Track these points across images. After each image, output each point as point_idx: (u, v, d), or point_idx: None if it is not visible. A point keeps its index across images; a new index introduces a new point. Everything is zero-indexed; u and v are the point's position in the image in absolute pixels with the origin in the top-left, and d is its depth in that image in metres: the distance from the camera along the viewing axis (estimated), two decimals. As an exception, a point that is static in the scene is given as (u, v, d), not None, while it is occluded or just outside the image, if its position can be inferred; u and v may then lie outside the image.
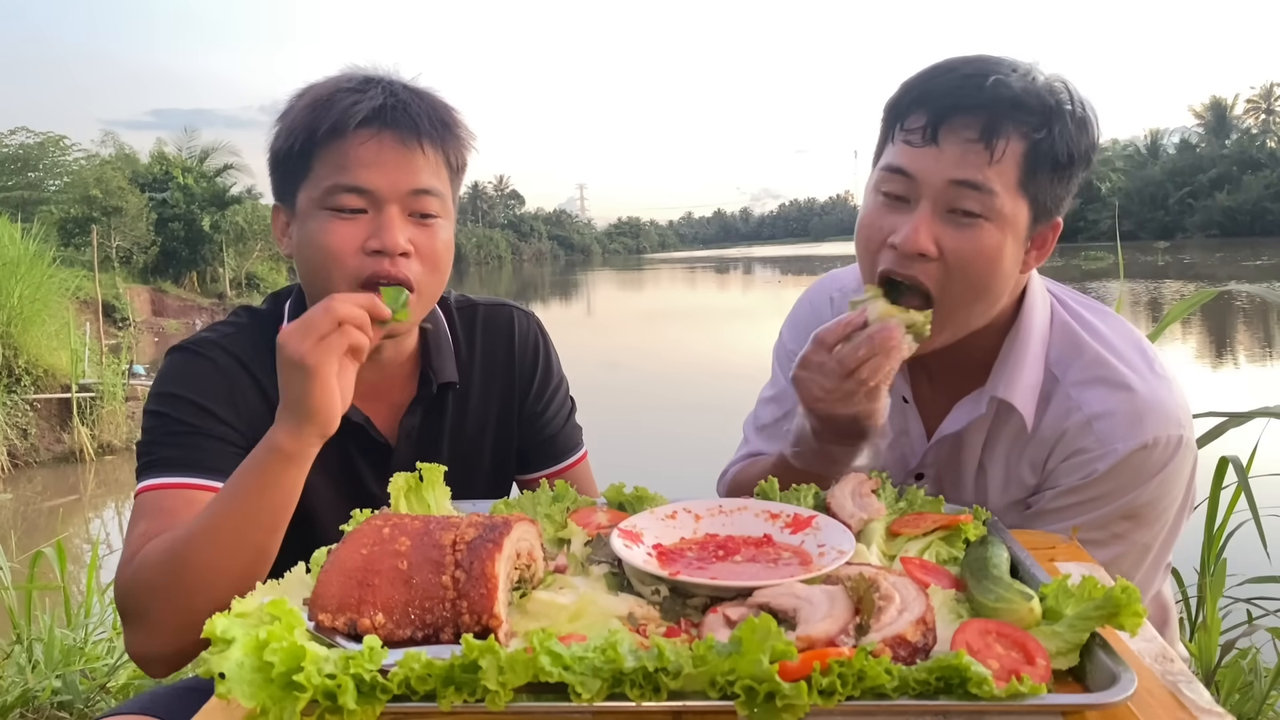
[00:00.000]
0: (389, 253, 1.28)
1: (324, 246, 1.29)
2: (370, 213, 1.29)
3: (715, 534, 1.10)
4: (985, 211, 1.20)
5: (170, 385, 1.34)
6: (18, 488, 10.36)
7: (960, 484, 1.40)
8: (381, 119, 1.29)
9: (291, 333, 1.14)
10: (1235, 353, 15.63)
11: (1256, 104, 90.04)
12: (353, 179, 1.28)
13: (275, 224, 1.40)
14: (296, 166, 1.31)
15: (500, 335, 1.56)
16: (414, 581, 0.83)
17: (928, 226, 1.21)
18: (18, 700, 2.71)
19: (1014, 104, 1.19)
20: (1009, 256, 1.23)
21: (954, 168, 1.20)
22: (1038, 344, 1.33)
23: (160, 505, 1.24)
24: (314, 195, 1.30)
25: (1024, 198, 1.21)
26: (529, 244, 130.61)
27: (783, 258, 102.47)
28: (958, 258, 1.21)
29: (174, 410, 1.31)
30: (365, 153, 1.28)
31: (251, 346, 1.39)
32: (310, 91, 1.32)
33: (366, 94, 1.29)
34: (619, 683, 0.71)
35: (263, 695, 0.70)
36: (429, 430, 1.48)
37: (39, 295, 12.95)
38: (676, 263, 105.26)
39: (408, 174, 1.30)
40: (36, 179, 34.52)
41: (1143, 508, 1.26)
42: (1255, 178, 71.88)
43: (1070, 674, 0.80)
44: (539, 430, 1.58)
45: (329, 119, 1.27)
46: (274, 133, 1.35)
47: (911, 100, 1.25)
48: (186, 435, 1.30)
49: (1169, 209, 77.05)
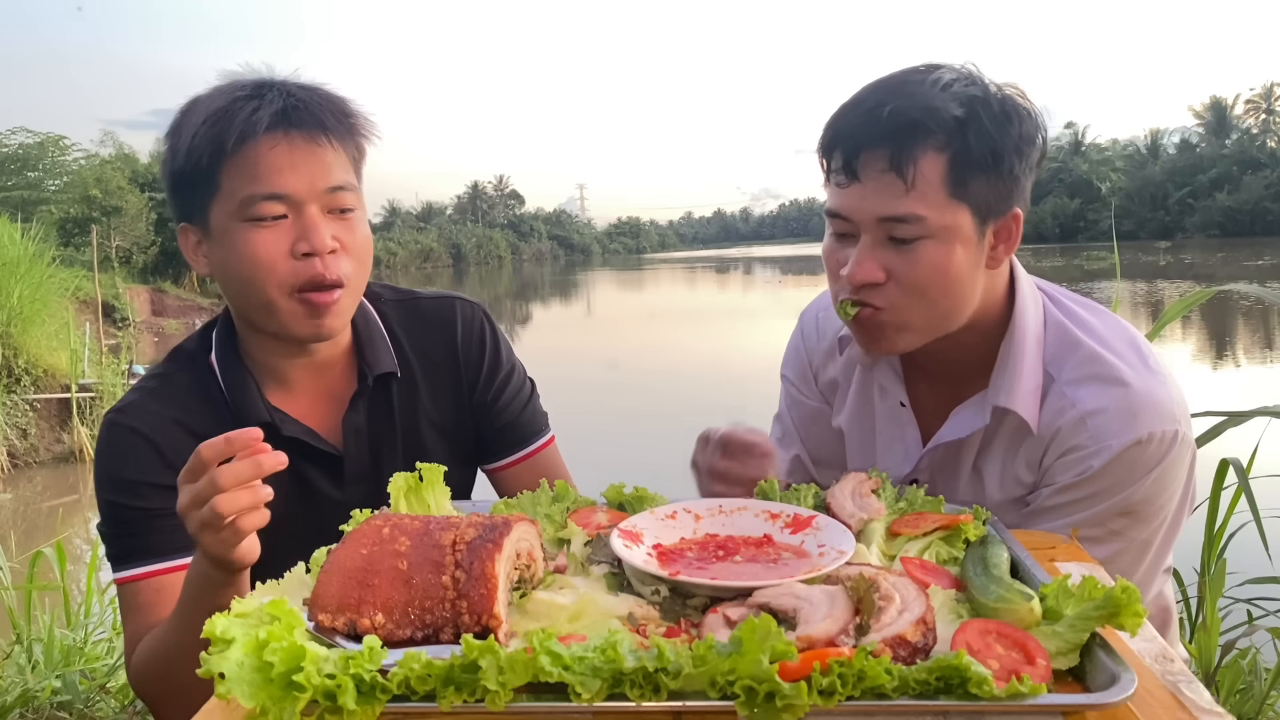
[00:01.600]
0: (319, 253, 1.28)
1: (251, 258, 1.28)
2: (290, 217, 1.28)
3: (715, 534, 1.10)
4: (920, 233, 1.23)
5: (107, 466, 1.35)
6: (18, 488, 10.36)
7: (954, 487, 1.40)
8: (286, 121, 1.28)
9: (182, 504, 1.05)
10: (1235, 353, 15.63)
11: (1256, 104, 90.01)
12: (269, 186, 1.27)
13: (185, 246, 1.38)
14: (202, 184, 1.29)
15: (443, 326, 1.54)
16: (414, 581, 0.83)
17: (870, 257, 1.26)
18: (18, 700, 2.71)
19: (914, 127, 1.21)
20: (960, 262, 1.25)
21: (877, 204, 1.24)
22: (1033, 346, 1.33)
23: (137, 601, 1.30)
24: (229, 209, 1.28)
25: (960, 205, 1.23)
26: (529, 244, 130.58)
27: (783, 258, 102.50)
28: (907, 279, 1.25)
29: (118, 497, 1.32)
30: (276, 158, 1.27)
31: (178, 397, 1.39)
32: (201, 106, 1.30)
33: (265, 99, 1.28)
34: (619, 683, 0.71)
35: (263, 695, 0.70)
36: (377, 425, 1.47)
37: (39, 295, 12.96)
38: (676, 263, 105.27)
39: (321, 172, 1.29)
40: (36, 179, 34.53)
41: (1139, 504, 1.26)
42: (1255, 178, 71.90)
43: (1070, 674, 0.80)
44: (495, 418, 1.56)
45: (233, 130, 1.25)
46: (167, 153, 1.32)
47: (828, 140, 1.29)
48: (137, 521, 1.31)
49: (1169, 209, 77.07)
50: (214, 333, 1.44)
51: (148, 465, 1.32)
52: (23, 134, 34.66)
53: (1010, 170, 1.24)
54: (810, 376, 1.61)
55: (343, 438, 1.44)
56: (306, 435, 1.40)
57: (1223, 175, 75.26)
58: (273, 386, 1.41)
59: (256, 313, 1.33)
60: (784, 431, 1.66)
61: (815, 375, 1.61)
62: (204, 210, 1.31)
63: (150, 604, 1.29)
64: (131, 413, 1.36)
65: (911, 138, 1.21)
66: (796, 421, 1.64)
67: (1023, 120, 1.25)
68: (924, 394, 1.45)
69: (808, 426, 1.63)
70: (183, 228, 1.36)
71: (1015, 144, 1.24)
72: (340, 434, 1.44)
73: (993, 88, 1.25)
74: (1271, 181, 70.23)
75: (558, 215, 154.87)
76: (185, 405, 1.37)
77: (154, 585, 1.29)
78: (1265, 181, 70.61)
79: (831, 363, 1.57)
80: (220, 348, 1.42)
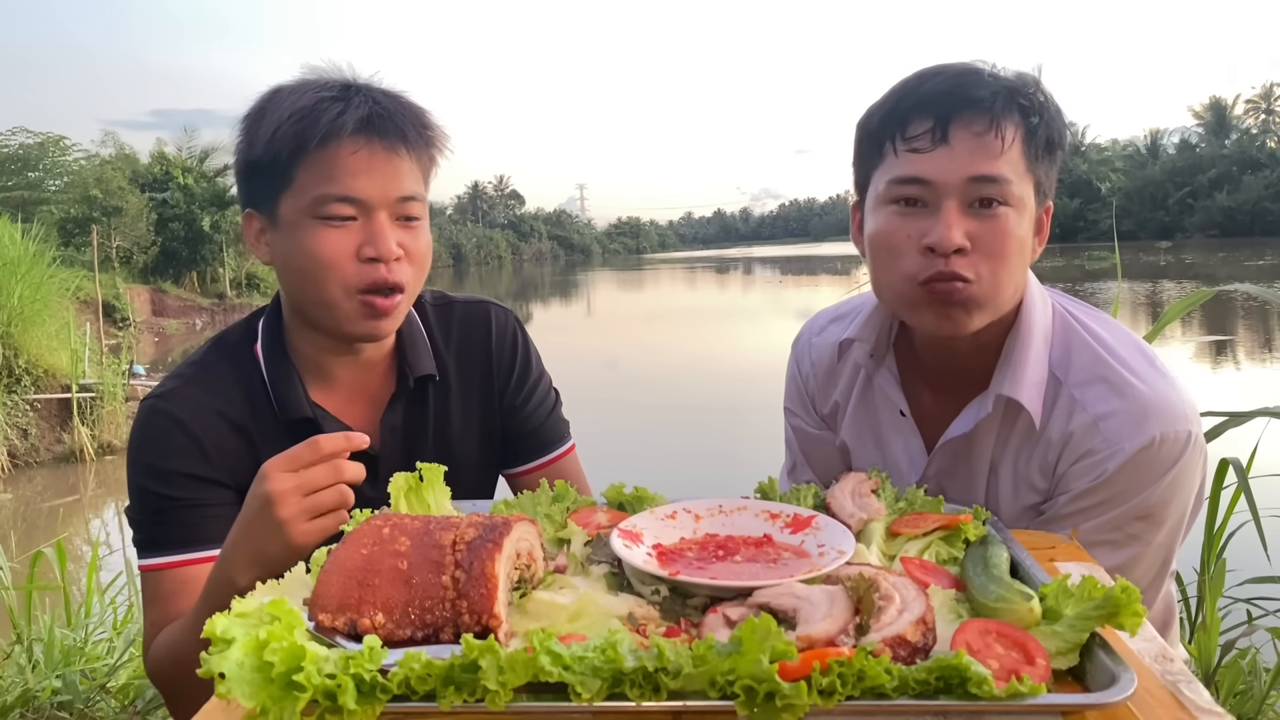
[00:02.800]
0: (384, 259, 1.31)
1: (318, 256, 1.30)
2: (359, 220, 1.31)
3: (715, 534, 1.10)
4: (1004, 198, 1.25)
5: (142, 452, 1.35)
6: (18, 488, 10.36)
7: (970, 491, 1.39)
8: (369, 128, 1.30)
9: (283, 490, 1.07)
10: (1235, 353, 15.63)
11: (1256, 104, 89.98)
12: (344, 189, 1.29)
13: (248, 230, 1.40)
14: (278, 176, 1.31)
15: (477, 330, 1.57)
16: (414, 581, 0.83)
17: (957, 221, 1.24)
18: (18, 700, 2.71)
19: (1011, 93, 1.26)
20: (1027, 238, 1.29)
21: (969, 164, 1.24)
22: (1040, 341, 1.33)
23: (160, 590, 1.31)
24: (300, 205, 1.30)
25: (1030, 180, 1.27)
26: (529, 244, 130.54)
27: (783, 258, 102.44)
28: (988, 246, 1.25)
29: (150, 483, 1.33)
30: (355, 162, 1.29)
31: (220, 386, 1.40)
32: (285, 98, 1.32)
33: (351, 103, 1.30)
34: (619, 683, 0.71)
35: (263, 695, 0.70)
36: (411, 426, 1.49)
37: (39, 295, 12.95)
38: (676, 263, 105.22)
39: (394, 181, 1.32)
40: (36, 179, 34.50)
41: (1156, 506, 1.25)
42: (1255, 178, 71.83)
43: (1070, 674, 0.80)
44: (521, 423, 1.59)
45: (317, 130, 1.28)
46: (243, 139, 1.34)
47: (909, 107, 1.27)
48: (168, 510, 1.32)
49: (1169, 209, 77.03)
50: (260, 323, 1.46)
51: (185, 455, 1.34)
52: (23, 134, 34.64)
53: (1058, 160, 1.30)
54: (809, 404, 1.62)
55: (379, 437, 1.46)
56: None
57: (1222, 175, 75.21)
58: (314, 381, 1.44)
59: (314, 308, 1.36)
60: (794, 461, 1.67)
61: (813, 402, 1.61)
62: (273, 200, 1.34)
63: (173, 594, 1.30)
64: (172, 400, 1.37)
65: (1008, 103, 1.25)
66: (803, 449, 1.65)
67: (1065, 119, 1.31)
68: (925, 403, 1.45)
69: (814, 452, 1.63)
70: (248, 213, 1.39)
71: (1063, 136, 1.30)
72: (376, 433, 1.46)
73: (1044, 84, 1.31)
74: (1271, 181, 70.18)
75: (558, 215, 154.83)
76: (227, 395, 1.39)
77: (178, 575, 1.30)
78: (1265, 182, 70.54)
79: (831, 387, 1.57)
80: (266, 339, 1.44)
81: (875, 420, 1.51)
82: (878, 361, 1.47)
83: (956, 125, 1.24)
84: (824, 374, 1.58)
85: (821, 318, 1.64)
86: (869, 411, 1.51)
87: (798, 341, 1.66)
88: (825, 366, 1.57)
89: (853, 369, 1.53)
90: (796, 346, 1.66)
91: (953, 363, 1.39)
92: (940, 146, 1.24)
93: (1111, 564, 1.23)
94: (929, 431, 1.43)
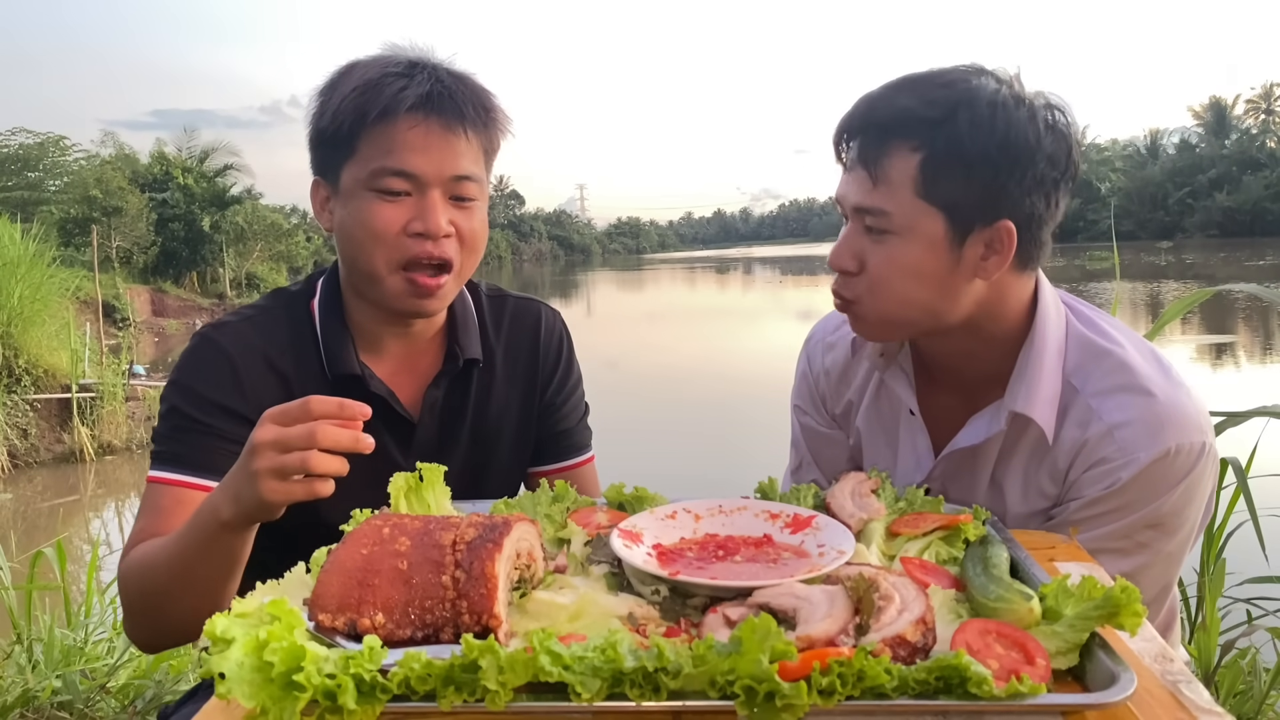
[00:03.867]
0: (432, 235, 1.33)
1: (368, 226, 1.33)
2: (413, 195, 1.33)
3: (715, 534, 1.10)
4: (888, 227, 1.26)
5: (183, 374, 1.39)
6: (18, 488, 10.36)
7: (976, 496, 1.39)
8: (428, 105, 1.32)
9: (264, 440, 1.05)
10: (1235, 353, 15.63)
11: (1256, 104, 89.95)
12: (399, 163, 1.31)
13: (315, 198, 1.43)
14: (342, 146, 1.34)
15: (527, 326, 1.60)
16: (414, 581, 0.83)
17: (848, 245, 1.31)
18: (18, 700, 2.71)
19: (885, 125, 1.25)
20: (926, 264, 1.26)
21: (853, 193, 1.29)
22: (1054, 355, 1.32)
23: (158, 503, 1.32)
24: (359, 176, 1.33)
25: (931, 207, 1.23)
26: (529, 244, 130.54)
27: (783, 258, 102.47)
28: (875, 270, 1.29)
29: (182, 403, 1.36)
30: (413, 138, 1.31)
31: (272, 331, 1.43)
32: (355, 72, 1.34)
33: (414, 79, 1.32)
34: (619, 683, 0.71)
35: (263, 695, 0.70)
36: (452, 405, 1.51)
37: (39, 295, 12.94)
38: (676, 263, 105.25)
39: (451, 160, 1.33)
40: (36, 179, 34.50)
41: (1167, 516, 1.25)
42: (1255, 178, 71.81)
43: (1070, 674, 0.80)
44: (555, 424, 1.61)
45: (378, 103, 1.30)
46: (316, 109, 1.37)
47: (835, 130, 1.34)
48: (189, 432, 1.35)
49: (1169, 209, 77.03)
50: (320, 281, 1.49)
51: (221, 385, 1.36)
52: (23, 134, 34.64)
53: (990, 177, 1.21)
54: (819, 402, 1.62)
55: (420, 409, 1.48)
56: (389, 396, 1.44)
57: (1222, 175, 75.20)
58: (364, 347, 1.46)
59: (362, 280, 1.39)
60: (800, 460, 1.66)
61: (824, 401, 1.61)
62: (337, 169, 1.36)
63: (167, 509, 1.31)
64: (226, 332, 1.41)
65: (882, 135, 1.25)
66: (811, 448, 1.64)
67: (1013, 126, 1.20)
68: (936, 404, 1.44)
69: (822, 451, 1.63)
70: (316, 181, 1.42)
71: (996, 151, 1.20)
72: (419, 406, 1.48)
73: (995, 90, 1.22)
74: (1271, 182, 70.16)
75: (558, 215, 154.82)
76: (278, 342, 1.42)
77: (179, 495, 1.32)
78: (1265, 182, 70.53)
79: (845, 386, 1.57)
80: (324, 296, 1.46)
81: (887, 419, 1.51)
82: (889, 360, 1.47)
83: (846, 155, 1.31)
84: (838, 373, 1.58)
85: (835, 317, 1.62)
86: (881, 410, 1.52)
87: (810, 339, 1.66)
88: (840, 365, 1.57)
89: (868, 367, 1.53)
90: (809, 344, 1.66)
91: (958, 365, 1.39)
92: (845, 171, 1.32)
93: (1120, 572, 1.23)
94: (937, 432, 1.43)
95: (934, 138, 1.21)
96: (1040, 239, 1.29)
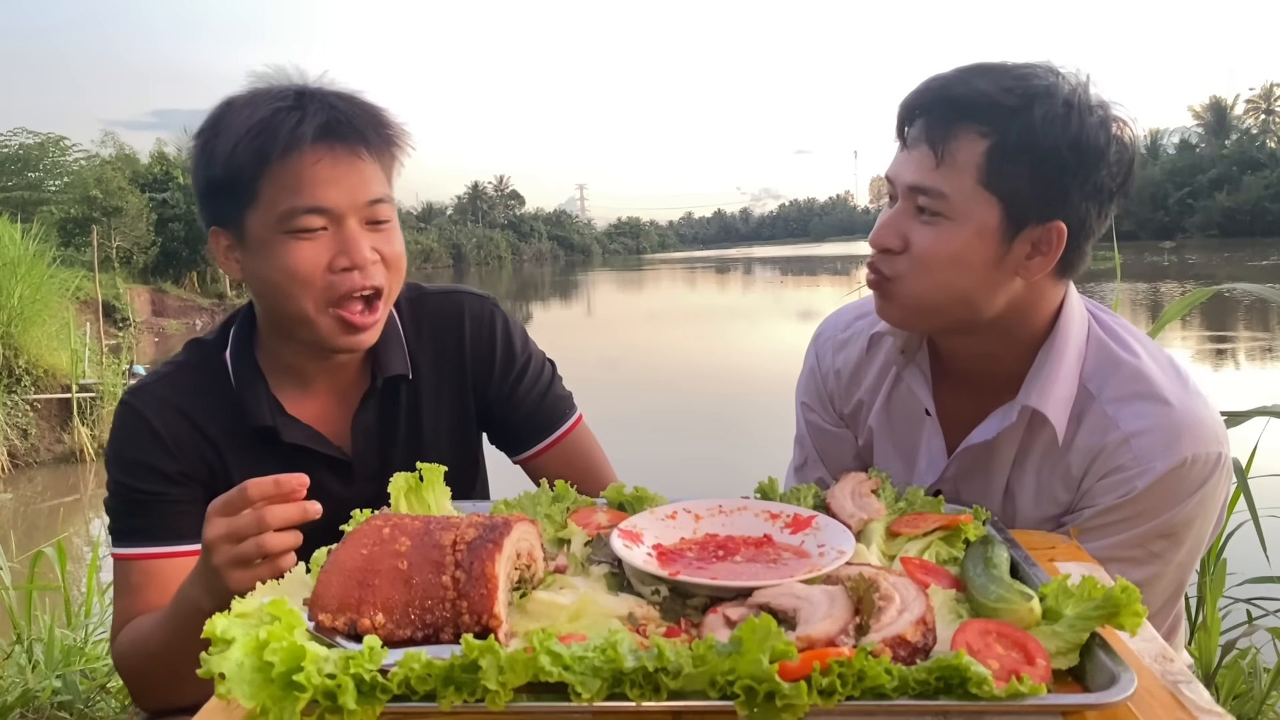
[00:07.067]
0: (359, 266, 1.30)
1: (290, 270, 1.29)
2: (330, 229, 1.30)
3: (715, 534, 1.10)
4: (943, 210, 1.24)
5: (113, 447, 1.40)
6: (18, 488, 10.36)
7: (988, 498, 1.38)
8: (330, 135, 1.28)
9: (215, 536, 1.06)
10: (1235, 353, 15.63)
11: (1256, 104, 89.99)
12: (310, 199, 1.28)
13: (216, 248, 1.38)
14: (241, 192, 1.29)
15: (450, 323, 1.54)
16: (414, 581, 0.83)
17: (894, 223, 1.29)
18: (18, 700, 2.71)
19: (959, 106, 1.23)
20: (974, 254, 1.24)
21: (912, 172, 1.26)
22: (1073, 358, 1.31)
23: (128, 580, 1.34)
24: (268, 221, 1.29)
25: (990, 197, 1.22)
26: (529, 244, 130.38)
27: (783, 258, 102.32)
28: (918, 250, 1.27)
29: (120, 475, 1.37)
30: (319, 171, 1.28)
31: (189, 385, 1.42)
32: (238, 111, 1.29)
33: (307, 111, 1.28)
34: (619, 683, 0.71)
35: (263, 695, 0.70)
36: (384, 426, 1.48)
37: (39, 295, 12.94)
38: (676, 263, 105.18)
39: (361, 186, 1.31)
40: (36, 179, 34.47)
41: (1180, 526, 1.25)
42: (1255, 178, 71.75)
43: (1070, 674, 0.80)
44: (515, 409, 1.56)
45: (277, 142, 1.25)
46: (203, 157, 1.32)
47: (901, 106, 1.31)
48: (135, 504, 1.35)
49: (1169, 209, 76.99)
50: (232, 330, 1.46)
51: (149, 449, 1.36)
52: (23, 134, 34.61)
53: (1055, 175, 1.21)
54: (827, 401, 1.61)
55: (352, 437, 1.45)
56: (311, 440, 1.42)
57: (1222, 175, 75.15)
58: (286, 384, 1.43)
59: (290, 323, 1.35)
60: (805, 457, 1.65)
61: (833, 400, 1.60)
62: (239, 217, 1.32)
63: (139, 585, 1.32)
64: (141, 396, 1.41)
65: (953, 116, 1.23)
66: (817, 445, 1.63)
67: (1085, 129, 1.20)
68: (952, 406, 1.43)
69: (828, 449, 1.62)
70: (214, 231, 1.37)
71: (1067, 149, 1.20)
72: (349, 433, 1.46)
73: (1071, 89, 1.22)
74: (1271, 181, 70.11)
75: (558, 215, 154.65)
76: (193, 397, 1.40)
77: (144, 568, 1.32)
78: (1265, 182, 70.47)
79: (856, 385, 1.56)
80: (236, 346, 1.44)
81: (900, 418, 1.50)
82: (909, 358, 1.46)
83: (911, 134, 1.28)
84: (850, 372, 1.56)
85: (845, 314, 1.62)
86: (895, 409, 1.51)
87: (819, 337, 1.65)
88: (852, 364, 1.56)
89: (882, 366, 1.52)
90: (818, 342, 1.64)
91: (977, 366, 1.39)
92: (902, 150, 1.30)
93: (1132, 581, 1.23)
94: (952, 434, 1.43)
95: (1007, 126, 1.20)
96: (1084, 249, 1.28)
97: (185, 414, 1.39)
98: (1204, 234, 71.32)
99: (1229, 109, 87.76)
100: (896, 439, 1.51)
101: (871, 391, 1.54)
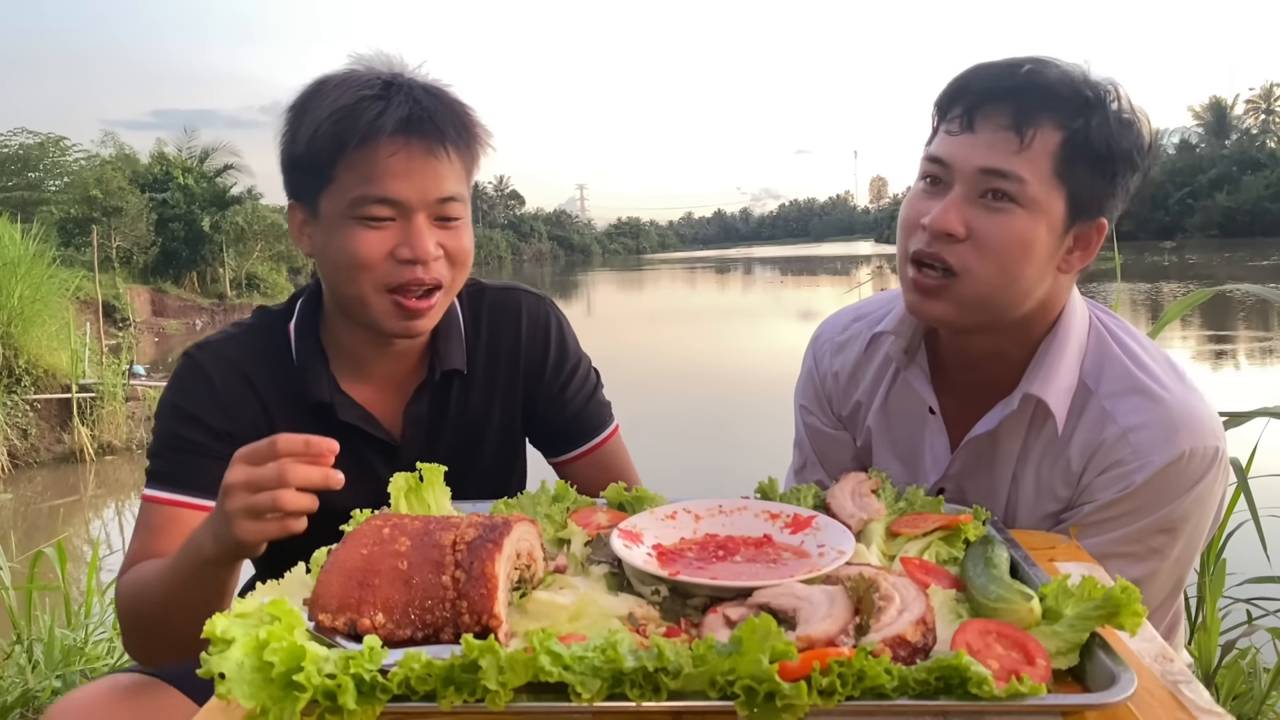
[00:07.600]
0: (421, 260, 1.31)
1: (353, 254, 1.30)
2: (398, 221, 1.31)
3: (715, 534, 1.10)
4: (1016, 196, 1.22)
5: (169, 393, 1.42)
6: (18, 488, 10.35)
7: (991, 494, 1.38)
8: (409, 129, 1.28)
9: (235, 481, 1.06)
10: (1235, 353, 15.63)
11: (1256, 104, 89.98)
12: (381, 190, 1.28)
13: (291, 221, 1.41)
14: (318, 173, 1.31)
15: (508, 320, 1.56)
16: (414, 582, 0.83)
17: (957, 209, 1.24)
18: (18, 700, 2.71)
19: (1046, 92, 1.22)
20: (1041, 245, 1.24)
21: (985, 155, 1.23)
22: (1074, 350, 1.32)
23: (151, 522, 1.34)
24: (340, 205, 1.30)
25: (1060, 188, 1.23)
26: (529, 244, 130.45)
27: (783, 258, 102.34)
28: (986, 238, 1.23)
29: (171, 422, 1.39)
30: (394, 164, 1.28)
31: (253, 350, 1.44)
32: (327, 94, 1.30)
33: (391, 102, 1.28)
34: (619, 683, 0.71)
35: (263, 695, 0.70)
36: (435, 418, 1.49)
37: (39, 295, 12.93)
38: (676, 263, 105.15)
39: (434, 183, 1.31)
40: (36, 179, 34.48)
41: (1179, 521, 1.25)
42: (1255, 178, 71.72)
43: (1070, 674, 0.80)
44: (561, 410, 1.57)
45: (356, 130, 1.26)
46: (287, 132, 1.34)
47: (952, 93, 1.29)
48: (177, 450, 1.37)
49: (1169, 209, 76.97)
50: (299, 303, 1.48)
51: (205, 404, 1.38)
52: (23, 134, 34.61)
53: (1114, 175, 1.24)
54: (825, 403, 1.61)
55: (403, 425, 1.47)
56: (363, 421, 1.44)
57: (1222, 175, 75.12)
58: (344, 366, 1.45)
59: (349, 304, 1.37)
60: (804, 460, 1.65)
61: (831, 402, 1.60)
62: (315, 195, 1.33)
63: (158, 528, 1.33)
64: (207, 352, 1.43)
65: (1041, 102, 1.22)
66: (816, 448, 1.63)
67: (1139, 136, 1.24)
68: (953, 403, 1.44)
69: (827, 451, 1.62)
70: (291, 205, 1.40)
71: (1128, 151, 1.23)
72: (400, 421, 1.47)
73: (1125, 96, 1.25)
74: (1271, 181, 70.08)
75: (558, 215, 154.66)
76: (256, 362, 1.43)
77: (168, 513, 1.34)
78: (1265, 182, 70.44)
79: (854, 387, 1.56)
80: (301, 319, 1.46)
81: (900, 418, 1.50)
82: (910, 357, 1.46)
83: (981, 116, 1.24)
84: (848, 374, 1.56)
85: (843, 316, 1.62)
86: (894, 409, 1.51)
87: (817, 339, 1.65)
88: (850, 366, 1.56)
89: (880, 366, 1.52)
90: (816, 344, 1.64)
91: (980, 364, 1.39)
92: (966, 133, 1.25)
93: (1131, 578, 1.23)
94: (955, 432, 1.43)
95: (1086, 120, 1.21)
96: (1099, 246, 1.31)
97: (247, 378, 1.41)
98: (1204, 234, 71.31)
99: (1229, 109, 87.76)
100: (895, 439, 1.51)
101: (869, 392, 1.54)
